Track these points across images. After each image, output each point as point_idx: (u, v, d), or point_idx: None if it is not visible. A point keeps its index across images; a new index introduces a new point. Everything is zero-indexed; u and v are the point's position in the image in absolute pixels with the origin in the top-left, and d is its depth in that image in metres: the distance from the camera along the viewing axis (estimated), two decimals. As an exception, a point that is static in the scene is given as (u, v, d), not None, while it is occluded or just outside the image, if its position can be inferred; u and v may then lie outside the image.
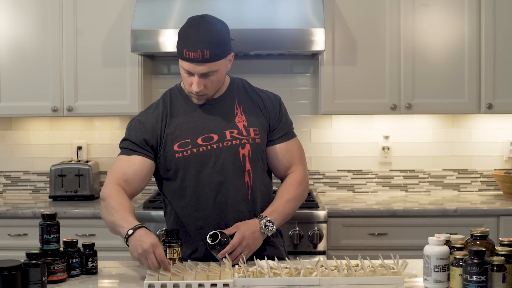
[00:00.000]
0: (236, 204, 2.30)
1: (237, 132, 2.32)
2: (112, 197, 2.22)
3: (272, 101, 2.42)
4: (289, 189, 2.37)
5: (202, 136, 2.30)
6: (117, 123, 4.13)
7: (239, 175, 2.30)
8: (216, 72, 2.24)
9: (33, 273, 1.91)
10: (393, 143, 4.09)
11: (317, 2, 3.58)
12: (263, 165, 2.38)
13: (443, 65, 3.73)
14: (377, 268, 2.05)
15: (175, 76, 4.12)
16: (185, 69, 2.23)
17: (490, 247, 1.97)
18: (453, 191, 4.12)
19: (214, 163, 2.29)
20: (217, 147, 2.29)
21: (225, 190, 2.29)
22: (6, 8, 3.76)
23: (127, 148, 2.33)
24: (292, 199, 2.36)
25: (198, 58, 2.18)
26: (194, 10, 3.58)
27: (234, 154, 2.30)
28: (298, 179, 2.39)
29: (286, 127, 2.42)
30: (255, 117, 2.36)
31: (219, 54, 2.21)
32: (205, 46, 2.17)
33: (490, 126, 4.08)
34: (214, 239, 2.14)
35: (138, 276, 2.13)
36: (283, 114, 2.42)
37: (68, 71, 3.77)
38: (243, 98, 2.39)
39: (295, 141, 2.44)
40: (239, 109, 2.36)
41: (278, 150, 2.39)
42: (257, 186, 2.34)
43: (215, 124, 2.32)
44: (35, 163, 4.15)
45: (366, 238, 3.49)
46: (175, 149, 2.29)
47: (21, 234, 3.53)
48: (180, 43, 2.23)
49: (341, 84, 3.74)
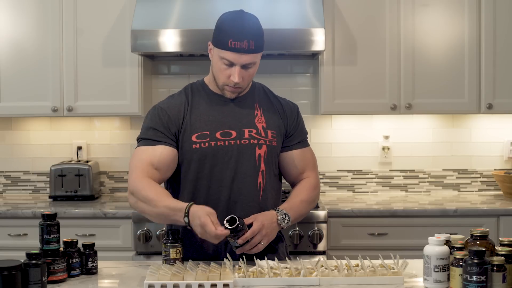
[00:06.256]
0: (247, 203, 2.30)
1: (255, 132, 2.33)
2: (145, 189, 2.20)
3: (291, 108, 2.46)
4: (304, 191, 2.39)
5: (221, 130, 2.31)
6: (117, 123, 4.13)
7: (253, 175, 2.31)
8: (254, 65, 2.28)
9: (33, 273, 1.91)
10: (393, 143, 4.09)
11: (317, 2, 3.58)
12: (275, 169, 2.40)
13: (443, 65, 3.73)
14: (377, 268, 2.05)
15: (175, 76, 4.12)
16: (228, 59, 2.24)
17: (490, 247, 1.97)
18: (453, 191, 4.12)
19: (230, 159, 2.29)
20: (234, 143, 2.30)
21: (237, 188, 2.30)
22: (6, 8, 3.76)
23: (149, 138, 2.30)
24: (306, 200, 2.38)
25: (244, 48, 2.21)
26: (194, 10, 3.59)
27: (250, 153, 2.31)
28: (312, 184, 2.42)
29: (302, 135, 2.46)
30: (273, 120, 2.39)
31: (262, 46, 2.28)
32: (251, 37, 2.22)
33: (490, 126, 4.09)
34: (232, 223, 2.10)
35: (138, 276, 2.13)
36: (300, 121, 2.47)
37: (68, 71, 3.77)
38: (264, 101, 2.41)
39: (309, 149, 2.49)
40: (259, 111, 2.38)
41: (294, 155, 2.41)
42: (268, 189, 2.34)
43: (235, 121, 2.33)
44: (35, 163, 4.15)
45: (366, 238, 3.49)
46: (193, 139, 2.29)
47: (21, 234, 3.53)
48: (222, 34, 2.24)
49: (341, 84, 3.75)
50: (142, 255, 3.41)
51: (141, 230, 3.40)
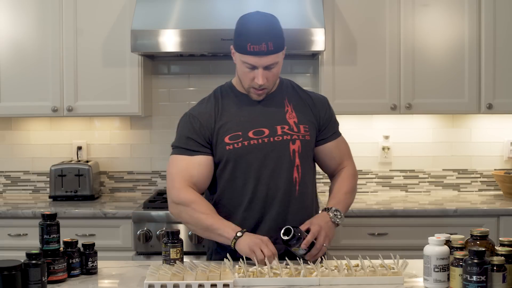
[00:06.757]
0: (284, 199, 2.32)
1: (288, 127, 2.35)
2: (196, 202, 2.28)
3: (322, 100, 2.49)
4: (345, 182, 2.43)
5: (253, 130, 2.33)
6: (117, 123, 4.13)
7: (289, 170, 2.33)
8: (277, 64, 2.30)
9: (33, 273, 1.91)
10: (393, 143, 4.09)
11: (317, 2, 3.58)
12: (310, 163, 2.42)
13: (443, 65, 3.73)
14: (377, 268, 2.05)
15: (175, 76, 4.12)
16: (249, 63, 2.26)
17: (490, 247, 1.97)
18: (453, 191, 4.12)
19: (264, 156, 2.31)
20: (268, 141, 2.32)
21: (273, 184, 2.32)
22: (6, 8, 3.76)
23: (186, 148, 2.34)
24: (349, 191, 2.43)
25: (264, 51, 2.22)
26: (194, 10, 3.59)
27: (284, 149, 2.33)
28: (351, 173, 2.47)
29: (335, 126, 2.50)
30: (304, 115, 2.40)
31: (281, 45, 2.28)
32: (268, 38, 2.22)
33: (490, 126, 4.08)
34: (287, 234, 2.15)
35: (138, 276, 2.13)
36: (332, 113, 2.50)
37: (68, 71, 3.77)
38: (293, 97, 2.43)
39: (343, 138, 2.53)
40: (289, 106, 2.40)
41: (330, 147, 2.45)
42: (304, 183, 2.36)
43: (266, 119, 2.35)
44: (35, 163, 4.15)
45: (366, 238, 3.49)
46: (226, 141, 2.32)
47: (21, 234, 3.53)
48: (240, 39, 2.26)
49: (341, 84, 3.75)
50: (142, 255, 3.41)
51: (141, 230, 3.40)
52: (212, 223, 2.24)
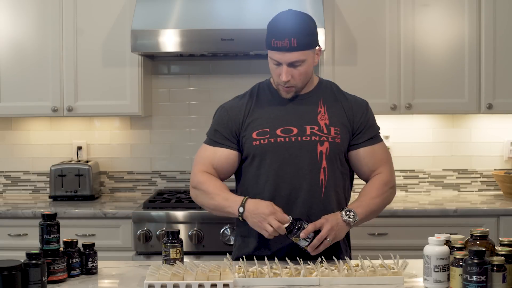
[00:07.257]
0: (308, 200, 2.29)
1: (317, 129, 2.32)
2: (206, 183, 2.31)
3: (360, 104, 2.44)
4: (374, 188, 2.35)
5: (281, 127, 2.32)
6: (117, 123, 4.13)
7: (314, 172, 2.30)
8: (303, 63, 2.26)
9: (33, 273, 1.91)
10: (393, 143, 4.09)
11: (317, 2, 3.58)
12: (341, 167, 2.36)
13: (443, 65, 3.73)
14: (377, 268, 2.05)
15: (175, 76, 4.12)
16: (274, 59, 2.26)
17: (490, 247, 1.97)
18: (453, 191, 4.12)
19: (290, 155, 2.30)
20: (295, 140, 2.30)
21: (297, 184, 2.30)
22: (6, 8, 3.76)
23: (213, 139, 2.38)
24: (376, 196, 2.34)
25: (286, 47, 2.22)
26: (194, 10, 3.59)
27: (311, 149, 2.30)
28: (383, 180, 2.37)
29: (372, 131, 2.42)
30: (337, 117, 2.36)
31: (306, 44, 2.25)
32: (292, 35, 2.22)
33: (490, 126, 4.08)
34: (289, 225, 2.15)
35: (138, 276, 2.13)
36: (369, 118, 2.43)
37: (68, 71, 3.77)
38: (329, 99, 2.40)
39: (381, 145, 2.43)
40: (323, 108, 2.37)
41: (362, 153, 2.38)
42: (331, 186, 2.32)
43: (296, 118, 2.34)
44: (35, 163, 4.15)
45: (366, 238, 3.49)
46: (253, 136, 2.32)
47: (21, 234, 3.53)
48: (268, 35, 2.27)
49: (341, 84, 3.66)
50: (142, 255, 3.41)
51: (141, 230, 3.40)
52: (218, 203, 2.27)
